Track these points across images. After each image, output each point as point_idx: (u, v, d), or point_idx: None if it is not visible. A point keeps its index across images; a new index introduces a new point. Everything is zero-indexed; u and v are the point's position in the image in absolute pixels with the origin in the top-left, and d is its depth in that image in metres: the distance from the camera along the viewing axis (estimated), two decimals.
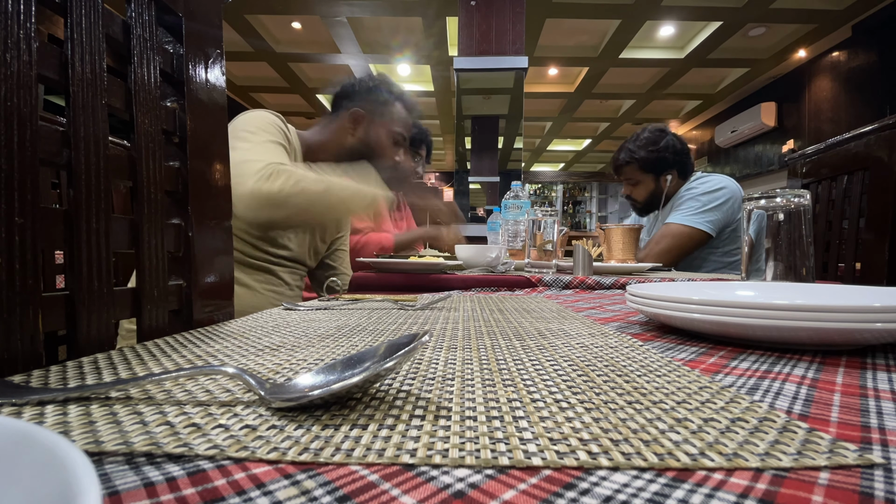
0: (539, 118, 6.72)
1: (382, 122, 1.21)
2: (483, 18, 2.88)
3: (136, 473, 0.16)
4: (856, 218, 1.11)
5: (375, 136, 1.20)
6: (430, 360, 0.32)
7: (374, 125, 1.20)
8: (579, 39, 4.52)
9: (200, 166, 0.51)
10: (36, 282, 0.32)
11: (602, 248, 1.27)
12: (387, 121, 1.21)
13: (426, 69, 5.23)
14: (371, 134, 1.20)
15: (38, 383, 0.27)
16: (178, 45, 0.49)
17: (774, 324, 0.33)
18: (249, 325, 0.49)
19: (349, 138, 1.19)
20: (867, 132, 1.07)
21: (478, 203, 5.80)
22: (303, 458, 0.17)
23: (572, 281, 0.94)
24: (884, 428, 0.20)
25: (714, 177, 1.56)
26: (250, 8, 4.03)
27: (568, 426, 0.20)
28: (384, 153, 1.22)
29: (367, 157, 1.19)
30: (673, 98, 5.93)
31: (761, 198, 0.67)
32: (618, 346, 0.37)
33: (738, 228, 1.51)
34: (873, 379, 0.28)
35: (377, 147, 1.20)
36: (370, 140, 1.20)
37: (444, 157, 9.13)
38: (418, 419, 0.21)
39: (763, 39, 4.45)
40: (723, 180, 1.53)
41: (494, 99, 3.16)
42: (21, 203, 0.31)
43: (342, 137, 1.19)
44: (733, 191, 1.50)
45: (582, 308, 0.62)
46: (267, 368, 0.30)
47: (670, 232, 1.51)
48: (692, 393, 0.25)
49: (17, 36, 0.31)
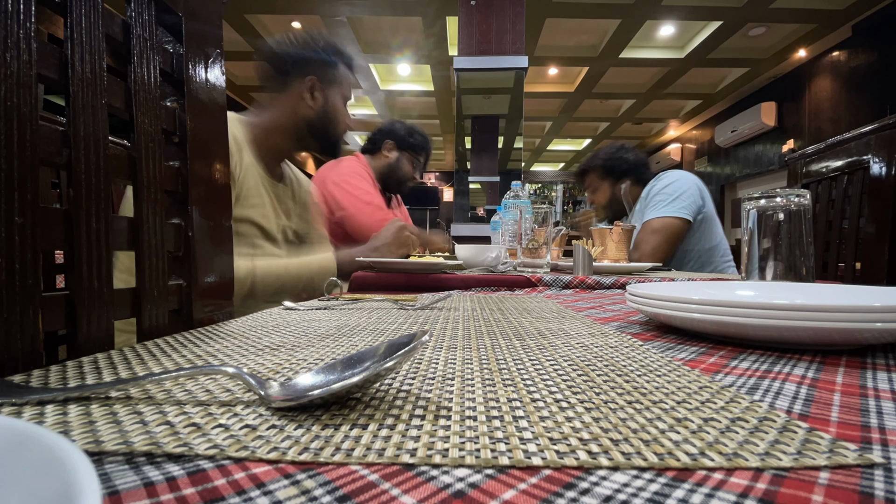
0: (539, 118, 6.71)
1: (337, 87, 1.16)
2: (483, 18, 2.88)
3: (136, 473, 0.16)
4: (856, 218, 1.11)
5: (333, 103, 1.16)
6: (430, 360, 0.32)
7: (329, 91, 1.15)
8: (579, 39, 4.52)
9: (200, 166, 0.51)
10: (36, 282, 0.32)
11: (600, 249, 1.27)
12: (339, 84, 1.17)
13: (426, 69, 5.23)
14: (329, 101, 1.15)
15: (38, 383, 0.27)
16: (177, 44, 0.49)
17: (774, 324, 0.33)
18: (249, 324, 0.49)
19: (308, 110, 1.13)
20: (867, 132, 1.07)
21: (478, 203, 5.81)
22: (303, 457, 0.17)
23: (572, 281, 0.94)
24: (884, 428, 0.20)
25: (669, 172, 1.68)
26: (250, 8, 4.03)
27: (568, 426, 0.20)
28: (342, 120, 1.19)
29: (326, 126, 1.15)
30: (673, 98, 5.93)
31: (761, 198, 0.67)
32: (618, 345, 0.37)
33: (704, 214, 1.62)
34: (873, 379, 0.28)
35: (336, 114, 1.16)
36: (329, 108, 1.15)
37: (444, 157, 9.13)
38: (418, 419, 0.21)
39: (763, 39, 4.45)
40: (677, 173, 1.66)
41: (494, 99, 3.15)
42: (21, 203, 0.31)
43: (301, 110, 1.13)
44: (690, 179, 1.63)
45: (582, 308, 0.62)
46: (267, 368, 0.30)
47: (653, 227, 1.58)
48: (692, 393, 0.25)
49: (17, 36, 0.31)
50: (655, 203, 1.61)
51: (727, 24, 4.13)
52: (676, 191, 1.59)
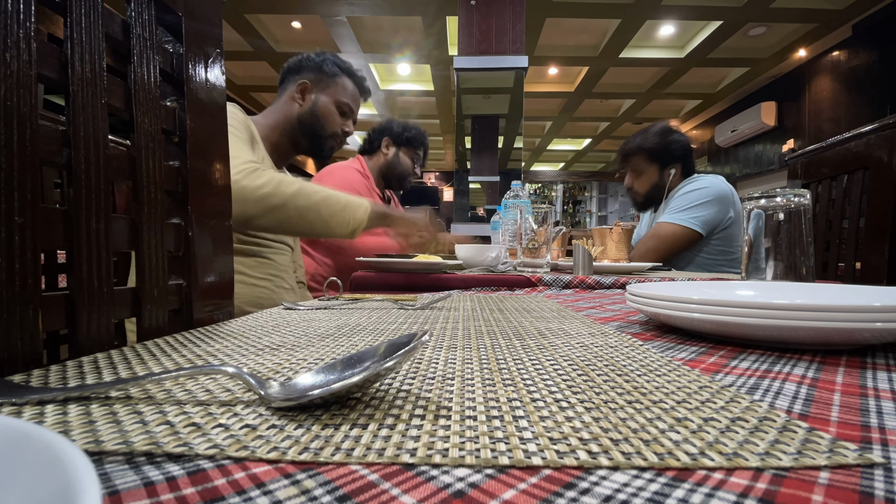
0: (539, 118, 6.71)
1: (329, 91, 1.26)
2: (483, 18, 2.88)
3: (136, 473, 0.16)
4: (856, 218, 1.11)
5: (322, 105, 1.25)
6: (430, 360, 0.32)
7: (321, 94, 1.26)
8: (579, 39, 4.52)
9: (200, 166, 0.51)
10: (36, 282, 0.31)
11: (600, 249, 1.27)
12: (333, 90, 1.27)
13: (426, 69, 5.23)
14: (318, 102, 1.25)
15: (38, 383, 0.27)
16: (177, 44, 0.49)
17: (774, 323, 0.33)
18: (249, 324, 0.49)
19: (297, 108, 1.24)
20: (867, 132, 1.07)
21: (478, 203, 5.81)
22: (303, 457, 0.17)
23: (572, 280, 0.94)
24: (884, 427, 0.20)
25: (705, 177, 1.57)
26: (250, 7, 4.03)
27: (568, 426, 0.20)
28: (331, 121, 1.26)
29: (314, 125, 1.24)
30: (673, 97, 5.92)
31: (761, 197, 0.67)
32: (618, 345, 0.37)
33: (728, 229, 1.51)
34: (873, 378, 0.28)
35: (324, 114, 1.25)
36: (317, 108, 1.24)
37: (443, 157, 9.13)
38: (418, 419, 0.21)
39: (763, 39, 4.45)
40: (712, 180, 1.54)
41: (494, 98, 3.15)
42: (21, 203, 0.31)
43: (291, 108, 1.24)
44: (721, 189, 1.51)
45: (582, 308, 0.62)
46: (267, 368, 0.30)
47: (656, 232, 1.54)
48: (692, 392, 0.25)
49: (16, 35, 0.31)
50: (675, 205, 1.54)
51: (727, 24, 4.13)
52: (701, 199, 1.50)
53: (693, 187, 1.53)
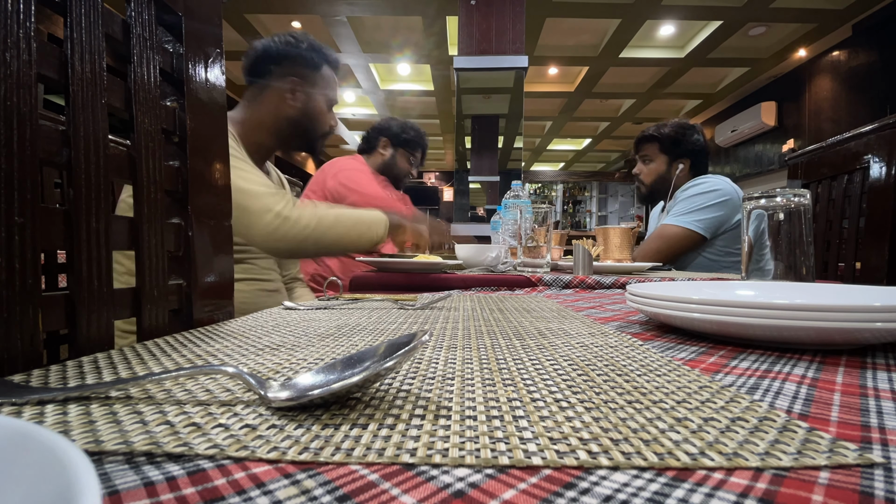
0: (539, 118, 6.71)
1: (318, 87, 1.19)
2: (483, 18, 2.87)
3: (136, 473, 0.16)
4: (856, 218, 1.11)
5: (315, 104, 1.18)
6: (430, 360, 0.32)
7: (312, 92, 1.17)
8: (579, 39, 4.52)
9: (200, 166, 0.51)
10: (36, 282, 0.31)
11: (600, 249, 1.27)
12: (321, 85, 1.19)
13: (426, 69, 5.22)
14: (311, 101, 1.17)
15: (38, 383, 0.27)
16: (177, 44, 0.49)
17: (774, 323, 0.33)
18: (249, 324, 0.49)
19: (289, 109, 1.15)
20: (867, 132, 1.07)
21: (478, 203, 5.80)
22: (303, 457, 0.17)
23: (572, 280, 0.94)
24: (884, 427, 0.20)
25: (711, 178, 1.56)
26: (250, 7, 4.03)
27: (568, 426, 0.20)
28: (324, 119, 1.21)
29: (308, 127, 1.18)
30: (673, 97, 5.92)
31: (761, 197, 0.67)
32: (618, 345, 0.37)
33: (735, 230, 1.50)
34: (873, 378, 0.28)
35: (317, 114, 1.19)
36: (310, 108, 1.17)
37: (443, 157, 9.13)
38: (418, 419, 0.21)
39: (763, 39, 4.45)
40: (718, 182, 1.53)
41: (494, 98, 3.15)
42: (21, 203, 0.31)
43: (282, 109, 1.15)
44: (728, 192, 1.50)
45: (582, 308, 0.62)
46: (267, 368, 0.30)
47: (660, 233, 1.53)
48: (692, 392, 0.25)
49: (16, 35, 0.31)
50: (680, 207, 1.53)
51: (727, 24, 4.12)
52: (707, 202, 1.49)
53: (699, 190, 1.52)
